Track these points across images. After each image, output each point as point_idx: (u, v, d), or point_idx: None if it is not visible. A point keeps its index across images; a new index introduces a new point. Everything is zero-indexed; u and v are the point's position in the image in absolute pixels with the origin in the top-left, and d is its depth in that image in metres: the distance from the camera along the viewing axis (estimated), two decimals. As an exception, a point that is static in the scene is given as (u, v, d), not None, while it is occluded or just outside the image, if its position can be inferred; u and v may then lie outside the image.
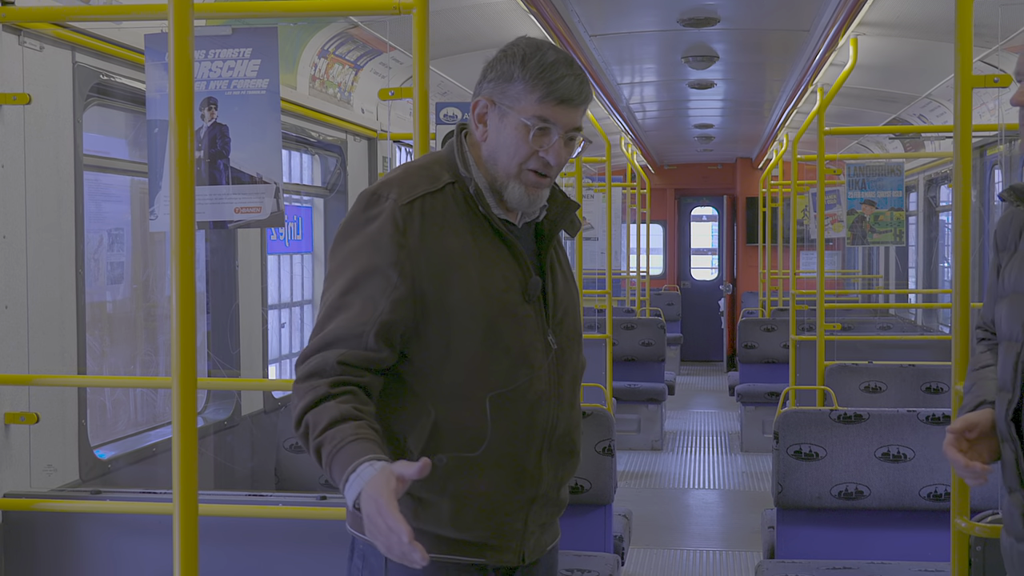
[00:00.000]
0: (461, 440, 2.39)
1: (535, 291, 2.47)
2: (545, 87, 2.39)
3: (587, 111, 2.53)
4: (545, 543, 2.60)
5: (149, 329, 5.46)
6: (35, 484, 3.78)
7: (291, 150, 6.45)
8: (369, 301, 2.35)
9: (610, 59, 8.11)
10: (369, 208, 2.40)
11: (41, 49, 3.78)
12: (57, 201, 3.90)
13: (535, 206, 2.50)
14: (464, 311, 2.38)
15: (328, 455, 2.25)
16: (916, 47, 7.18)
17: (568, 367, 2.55)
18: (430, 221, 2.39)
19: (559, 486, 2.57)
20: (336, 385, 2.32)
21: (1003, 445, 2.51)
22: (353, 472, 2.19)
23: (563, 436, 2.53)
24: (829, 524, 4.81)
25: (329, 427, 2.27)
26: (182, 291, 1.91)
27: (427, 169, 2.48)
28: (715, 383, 15.78)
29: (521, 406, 2.44)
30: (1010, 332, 2.52)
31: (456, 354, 2.39)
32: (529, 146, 2.42)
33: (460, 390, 2.40)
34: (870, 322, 10.92)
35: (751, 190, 16.94)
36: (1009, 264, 2.59)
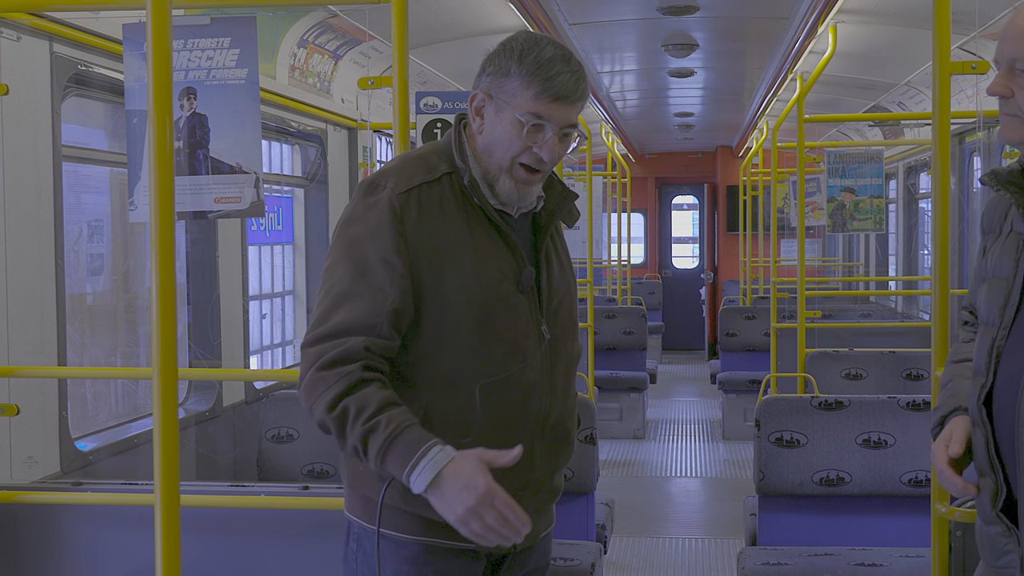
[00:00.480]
0: (452, 427, 2.41)
1: (528, 281, 2.49)
2: (541, 84, 2.41)
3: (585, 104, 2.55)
4: (539, 530, 2.62)
5: (130, 320, 5.44)
6: (16, 476, 3.77)
7: (271, 140, 6.43)
8: (379, 291, 2.38)
9: (590, 48, 8.11)
10: (367, 197, 2.44)
11: (18, 39, 3.76)
12: (36, 192, 3.88)
13: (525, 201, 2.52)
14: (458, 300, 2.41)
15: (383, 440, 2.28)
16: (895, 34, 7.20)
17: (561, 356, 2.57)
18: (426, 210, 2.42)
19: (552, 473, 2.60)
20: (369, 370, 2.35)
21: (974, 429, 2.54)
22: (424, 456, 2.26)
23: (556, 424, 2.56)
24: (811, 511, 4.83)
25: (379, 411, 2.30)
26: (162, 281, 1.91)
27: (424, 159, 2.51)
28: (697, 371, 15.81)
29: (514, 394, 2.47)
30: (988, 316, 2.54)
31: (449, 343, 2.42)
32: (523, 141, 2.44)
33: (452, 378, 2.43)
34: (851, 309, 10.96)
35: (732, 178, 16.96)
36: (992, 247, 2.61)
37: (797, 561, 4.52)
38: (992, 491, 2.48)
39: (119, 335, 5.39)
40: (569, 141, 2.50)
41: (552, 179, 2.62)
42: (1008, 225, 2.57)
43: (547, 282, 2.55)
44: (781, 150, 9.64)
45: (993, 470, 2.48)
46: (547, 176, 2.54)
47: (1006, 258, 2.53)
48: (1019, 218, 2.53)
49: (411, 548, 2.48)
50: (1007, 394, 2.45)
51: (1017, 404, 2.41)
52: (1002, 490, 2.47)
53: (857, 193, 7.86)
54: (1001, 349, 2.48)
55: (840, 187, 7.89)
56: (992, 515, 2.49)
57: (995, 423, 2.48)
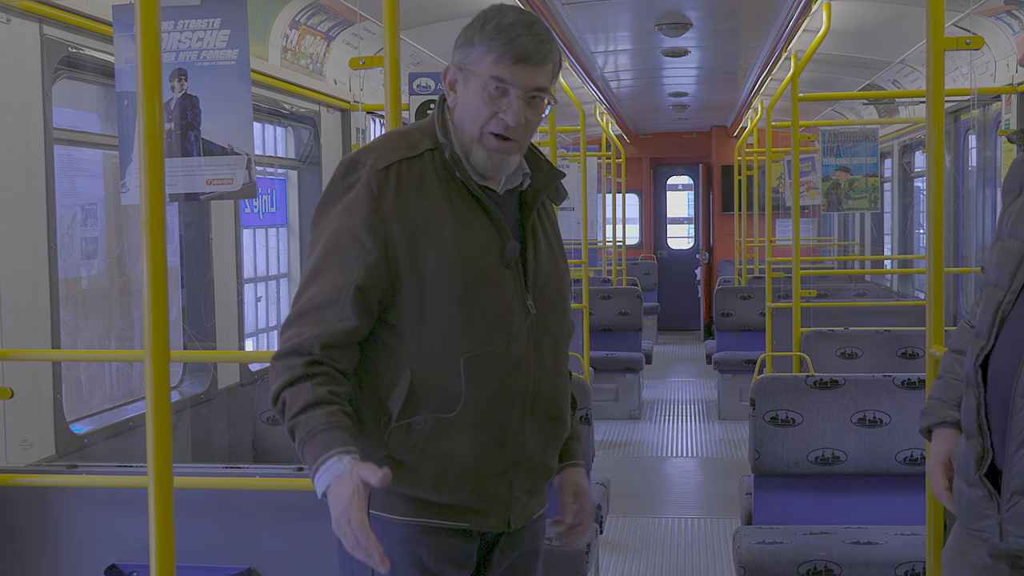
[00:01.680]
0: (438, 402, 2.43)
1: (512, 255, 2.49)
2: (500, 47, 2.40)
3: (558, 76, 2.54)
4: (532, 510, 2.62)
5: (124, 303, 5.44)
6: (11, 459, 3.77)
7: (264, 122, 6.41)
8: (345, 267, 2.39)
9: (583, 27, 8.09)
10: (348, 175, 2.45)
11: (8, 21, 3.74)
12: (27, 176, 3.87)
13: (500, 171, 2.52)
14: (438, 275, 2.41)
15: (300, 440, 2.33)
16: (889, 11, 7.19)
17: (549, 332, 2.56)
18: (405, 186, 2.43)
19: (544, 452, 2.58)
20: (312, 365, 2.37)
21: (967, 390, 2.54)
22: (323, 464, 2.28)
23: (547, 401, 2.55)
24: (806, 490, 4.84)
25: (303, 411, 2.34)
26: (153, 264, 1.90)
27: (407, 136, 2.52)
28: (692, 352, 15.82)
29: (500, 368, 2.46)
30: (996, 278, 2.53)
31: (431, 317, 2.43)
32: (489, 108, 2.44)
33: (436, 352, 2.43)
34: (846, 289, 10.98)
35: (726, 158, 16.95)
36: (1010, 208, 2.60)
37: (793, 540, 4.53)
38: (978, 454, 2.50)
39: (113, 318, 5.38)
40: (539, 105, 2.48)
41: (539, 158, 2.63)
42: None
43: (533, 257, 2.55)
44: (776, 129, 9.63)
45: (981, 433, 2.49)
46: (524, 146, 2.53)
47: (1022, 221, 2.52)
48: None
49: (403, 529, 2.48)
50: (1007, 360, 2.45)
51: (1017, 373, 2.41)
52: (988, 454, 2.48)
53: (852, 172, 7.86)
54: (1007, 313, 2.48)
55: (835, 166, 7.89)
56: (975, 478, 2.50)
57: (989, 386, 2.48)
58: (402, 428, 2.43)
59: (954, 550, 2.66)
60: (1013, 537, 2.44)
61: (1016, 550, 2.45)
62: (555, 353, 2.59)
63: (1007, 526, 2.44)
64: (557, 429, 2.61)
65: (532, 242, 2.57)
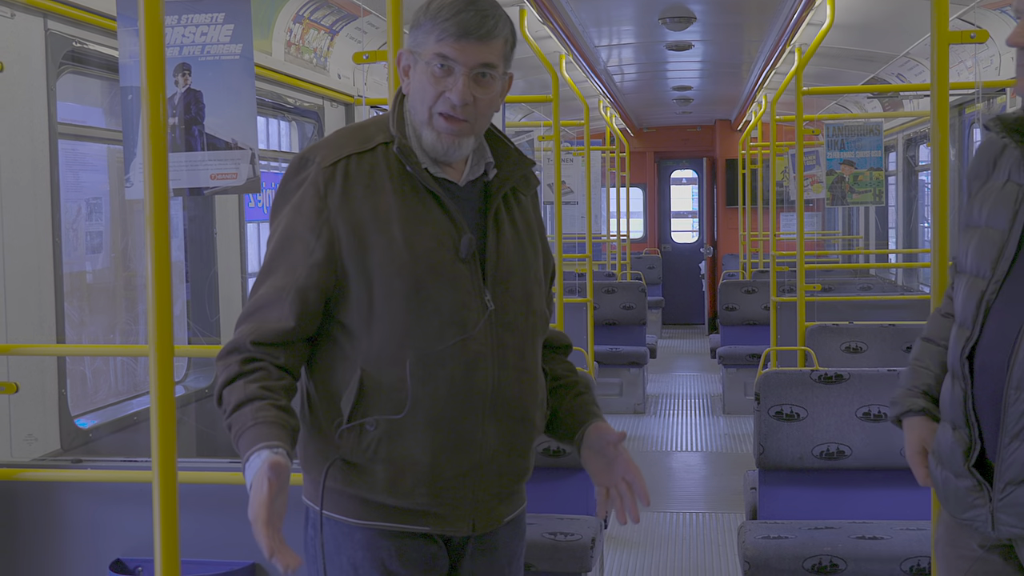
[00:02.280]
0: (388, 403, 2.35)
1: (468, 249, 2.39)
2: (442, 24, 2.33)
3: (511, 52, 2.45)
4: (502, 513, 2.52)
5: (129, 298, 5.44)
6: (16, 454, 3.77)
7: (268, 117, 6.42)
8: (290, 268, 2.35)
9: (587, 21, 8.08)
10: (298, 173, 2.40)
11: (12, 16, 3.74)
12: (32, 171, 3.87)
13: (453, 154, 2.42)
14: (386, 272, 2.34)
15: (233, 438, 2.27)
16: (893, 4, 7.18)
17: (511, 329, 2.45)
18: (353, 182, 2.36)
19: (512, 454, 2.48)
20: (247, 362, 2.32)
21: (953, 382, 2.54)
22: (247, 462, 2.20)
23: (510, 401, 2.44)
24: (811, 484, 4.84)
25: (236, 409, 2.27)
26: (157, 258, 1.90)
27: (362, 130, 2.47)
28: (697, 346, 15.82)
29: (455, 368, 2.36)
30: (977, 268, 2.51)
31: (380, 316, 2.35)
32: (435, 88, 2.36)
33: (386, 352, 2.35)
34: (850, 283, 10.96)
35: (731, 152, 16.93)
36: (980, 193, 2.57)
37: (797, 535, 4.53)
38: (965, 445, 2.49)
39: (118, 313, 5.39)
40: (488, 83, 2.39)
41: (507, 146, 2.55)
42: (1003, 173, 2.53)
43: (495, 250, 2.44)
44: (780, 123, 9.61)
45: (968, 425, 2.49)
46: (478, 128, 2.43)
47: (1002, 209, 2.49)
48: (1018, 167, 2.49)
49: (363, 533, 2.41)
50: (995, 350, 2.44)
51: (1010, 363, 2.40)
52: (976, 445, 2.48)
53: (856, 166, 7.84)
54: (991, 303, 2.46)
55: (839, 160, 7.87)
56: (964, 469, 2.50)
57: (976, 378, 2.48)
58: (354, 430, 2.36)
59: (945, 543, 2.66)
60: (1006, 526, 2.44)
61: (1009, 538, 2.46)
62: (519, 350, 2.47)
63: (1000, 515, 2.44)
64: (525, 430, 2.49)
65: (495, 234, 2.46)
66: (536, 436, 2.55)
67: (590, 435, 2.57)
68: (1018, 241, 2.45)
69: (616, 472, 2.53)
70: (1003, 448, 2.42)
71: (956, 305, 2.58)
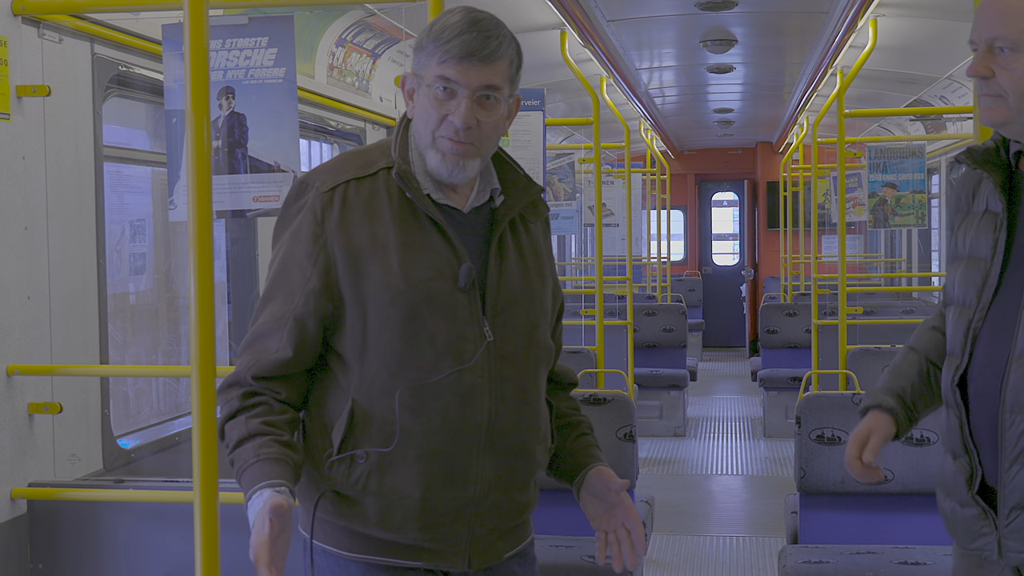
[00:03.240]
0: (378, 435, 2.29)
1: (467, 278, 2.31)
2: (444, 47, 2.26)
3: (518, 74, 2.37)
4: (502, 550, 2.43)
5: (171, 319, 5.48)
6: (59, 474, 3.80)
7: (310, 139, 6.46)
8: (288, 296, 2.31)
9: (628, 44, 8.09)
10: (297, 198, 2.35)
11: (60, 41, 3.79)
12: (78, 192, 3.92)
13: (458, 177, 2.33)
14: (381, 300, 2.28)
15: (236, 475, 2.23)
16: (936, 27, 7.14)
17: (511, 361, 2.37)
18: (351, 208, 2.30)
19: (509, 489, 2.39)
20: (247, 396, 2.28)
21: (948, 411, 2.54)
22: (249, 500, 2.17)
23: (507, 435, 2.36)
24: (852, 509, 4.80)
25: (237, 446, 2.24)
26: (200, 280, 1.92)
27: (364, 155, 2.40)
28: (737, 368, 15.75)
29: (449, 400, 2.29)
30: (963, 297, 2.51)
31: (374, 345, 2.29)
32: (438, 111, 2.29)
33: (379, 382, 2.29)
34: (893, 305, 10.89)
35: (772, 174, 16.87)
36: (962, 226, 2.58)
37: (839, 559, 4.49)
38: (967, 473, 2.48)
39: (160, 333, 5.43)
40: (492, 106, 2.31)
41: (516, 172, 2.47)
42: (981, 203, 2.54)
43: (496, 279, 2.36)
44: (821, 145, 9.59)
45: (968, 452, 2.48)
46: (484, 151, 2.36)
47: (983, 238, 2.50)
48: (994, 197, 2.50)
49: (355, 566, 2.35)
50: (986, 376, 2.44)
51: (1001, 388, 2.40)
52: (977, 472, 2.46)
53: (899, 188, 7.80)
54: (978, 331, 2.46)
55: (881, 182, 7.84)
56: (968, 497, 2.49)
57: (971, 405, 2.47)
58: (344, 461, 2.29)
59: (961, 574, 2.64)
60: (1013, 553, 2.42)
61: (1017, 565, 2.43)
62: (519, 383, 2.38)
63: (1006, 542, 2.43)
64: (524, 464, 2.41)
65: (498, 262, 2.38)
66: (538, 470, 2.47)
67: (591, 479, 2.53)
68: (1000, 268, 2.45)
69: (616, 518, 2.49)
70: (1004, 473, 2.41)
71: (947, 334, 2.58)
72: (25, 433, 3.65)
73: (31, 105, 3.64)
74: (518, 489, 2.42)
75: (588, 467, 2.54)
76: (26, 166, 3.63)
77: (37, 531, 3.64)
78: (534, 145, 5.10)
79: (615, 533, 2.48)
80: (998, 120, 2.44)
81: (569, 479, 2.57)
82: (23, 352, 3.62)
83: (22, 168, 3.61)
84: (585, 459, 2.56)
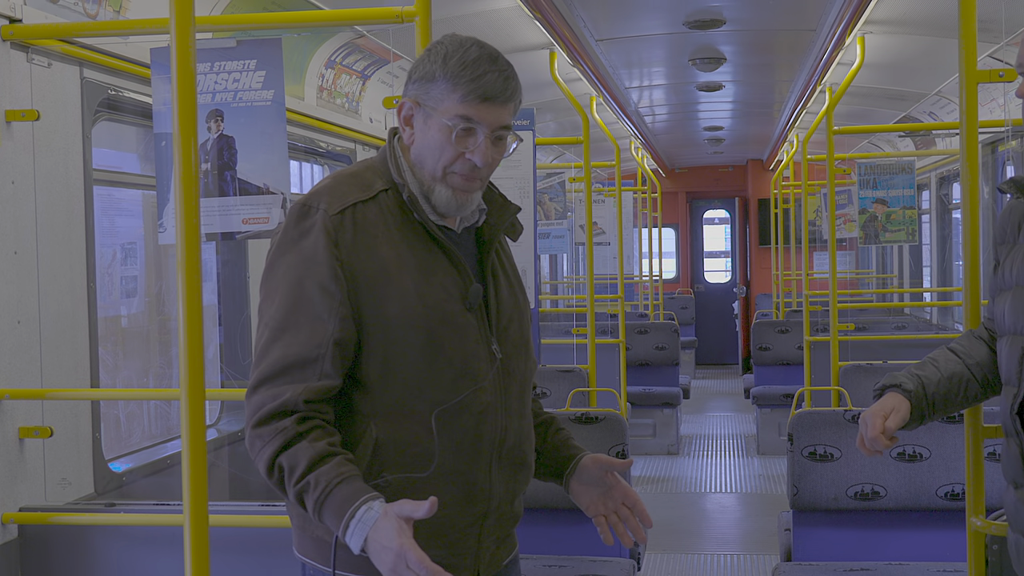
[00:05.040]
0: (406, 459, 2.29)
1: (476, 299, 2.36)
2: (467, 84, 2.26)
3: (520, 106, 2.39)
4: (500, 557, 2.50)
5: (163, 342, 5.48)
6: (50, 498, 3.80)
7: (300, 161, 6.47)
8: (318, 321, 2.25)
9: (618, 63, 8.12)
10: (301, 221, 2.30)
11: (49, 65, 3.80)
12: (68, 216, 3.92)
13: (465, 209, 2.38)
14: (401, 323, 2.27)
15: (315, 501, 2.18)
16: (924, 44, 7.17)
17: (515, 377, 2.44)
18: (362, 231, 2.29)
19: (512, 499, 2.46)
20: (302, 422, 2.23)
21: (1008, 440, 2.52)
22: (352, 518, 2.14)
23: (513, 448, 2.43)
24: (845, 525, 4.79)
25: (308, 471, 2.19)
26: (188, 302, 1.92)
27: (358, 177, 2.38)
28: (730, 386, 15.75)
29: (467, 419, 2.33)
30: (1014, 326, 2.51)
31: (395, 369, 2.29)
32: (454, 148, 2.30)
33: (402, 406, 2.29)
34: (884, 322, 10.90)
35: (763, 192, 16.92)
36: (1010, 256, 2.59)
37: (832, 576, 4.49)
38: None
39: (152, 356, 5.42)
40: (503, 144, 2.35)
41: (492, 191, 2.49)
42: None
43: (495, 299, 2.42)
44: (811, 162, 9.60)
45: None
46: (486, 183, 2.41)
47: None
48: None
49: None
50: None
51: None
52: None
53: (889, 204, 7.82)
54: None
55: (872, 199, 7.86)
56: None
57: None
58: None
59: None
60: None
61: None
62: (520, 397, 2.46)
63: None
64: (523, 475, 2.48)
65: (493, 282, 2.43)
66: (530, 481, 2.53)
67: (585, 466, 2.56)
68: None
69: (614, 499, 2.54)
70: None
71: (1000, 364, 2.57)
72: (16, 457, 3.64)
73: (20, 129, 3.65)
74: (518, 500, 2.50)
75: (576, 458, 2.59)
76: (15, 190, 3.63)
77: (28, 556, 3.63)
78: (524, 164, 5.12)
79: (616, 514, 2.54)
80: None
81: (556, 474, 2.61)
82: (13, 376, 3.62)
83: (11, 192, 3.62)
84: (571, 451, 2.61)
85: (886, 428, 2.60)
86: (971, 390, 2.74)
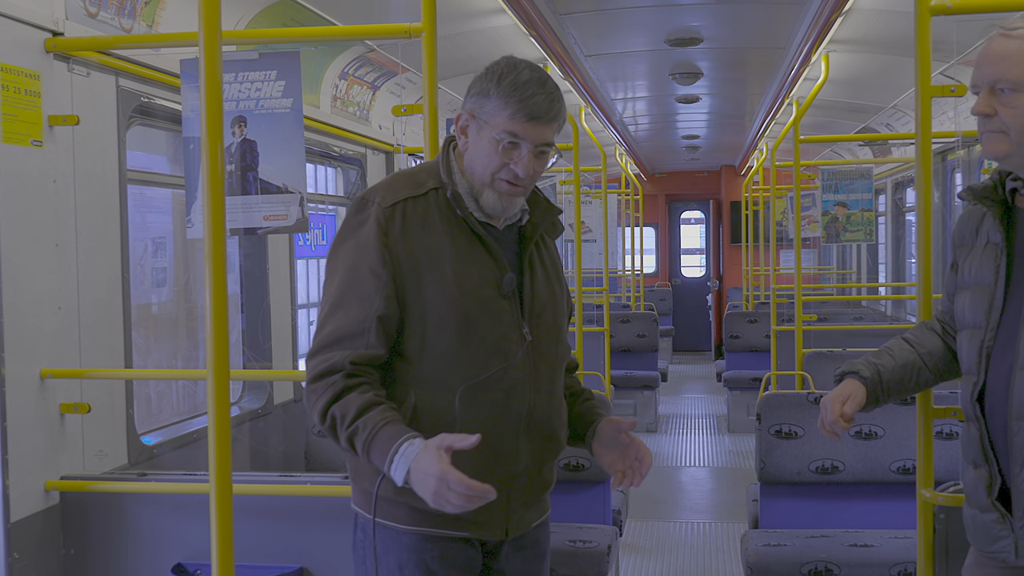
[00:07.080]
0: (437, 424, 2.36)
1: (509, 286, 2.44)
2: (516, 104, 2.36)
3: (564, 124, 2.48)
4: (530, 520, 2.57)
5: (190, 327, 5.47)
6: (88, 468, 3.79)
7: (316, 163, 6.45)
8: (366, 299, 2.35)
9: (604, 77, 8.11)
10: (359, 212, 2.42)
11: (88, 75, 3.79)
12: (104, 212, 3.91)
13: (509, 212, 2.48)
14: (439, 305, 2.37)
15: (364, 441, 2.27)
16: (882, 62, 7.17)
17: (545, 358, 2.51)
18: (410, 222, 2.39)
19: (541, 467, 2.54)
20: (351, 376, 2.33)
21: (968, 424, 2.53)
22: (396, 453, 2.22)
23: (542, 421, 2.50)
24: (808, 497, 4.81)
25: (358, 416, 2.29)
26: (215, 291, 1.92)
27: (413, 176, 2.48)
28: (704, 370, 15.75)
29: (496, 393, 2.41)
30: (974, 320, 2.52)
31: (432, 345, 2.38)
32: (500, 158, 2.39)
33: (437, 378, 2.38)
34: (844, 313, 10.91)
35: (735, 195, 16.90)
36: (968, 259, 2.59)
37: (795, 543, 4.50)
38: (987, 481, 2.48)
39: (180, 340, 5.41)
40: (545, 159, 2.44)
41: (537, 195, 2.58)
42: (983, 237, 2.56)
43: (530, 288, 2.49)
44: (779, 168, 9.61)
45: (987, 462, 2.48)
46: (530, 190, 2.49)
47: (986, 266, 2.52)
48: (994, 229, 2.52)
49: (409, 537, 2.43)
50: (998, 390, 2.44)
51: (1008, 398, 2.40)
52: (996, 480, 2.46)
53: (849, 207, 7.82)
54: (990, 350, 2.47)
55: (834, 202, 7.85)
56: (988, 503, 2.47)
57: (988, 417, 2.47)
58: None
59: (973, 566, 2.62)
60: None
61: None
62: (551, 377, 2.54)
63: (1023, 542, 2.42)
64: (552, 447, 2.56)
65: (529, 273, 2.51)
66: (560, 452, 2.60)
67: (603, 430, 2.62)
68: (1004, 292, 2.46)
69: (630, 456, 2.59)
70: (1015, 477, 2.41)
71: (960, 356, 2.58)
72: (57, 431, 3.64)
73: (62, 133, 3.64)
74: (547, 468, 2.57)
75: (596, 422, 2.65)
76: (57, 188, 3.62)
77: (69, 519, 3.63)
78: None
79: (630, 468, 2.59)
80: (1000, 153, 2.45)
81: (580, 438, 2.67)
82: (54, 357, 3.62)
83: (53, 190, 3.60)
84: (592, 417, 2.67)
85: (844, 412, 2.61)
86: (923, 376, 2.75)
